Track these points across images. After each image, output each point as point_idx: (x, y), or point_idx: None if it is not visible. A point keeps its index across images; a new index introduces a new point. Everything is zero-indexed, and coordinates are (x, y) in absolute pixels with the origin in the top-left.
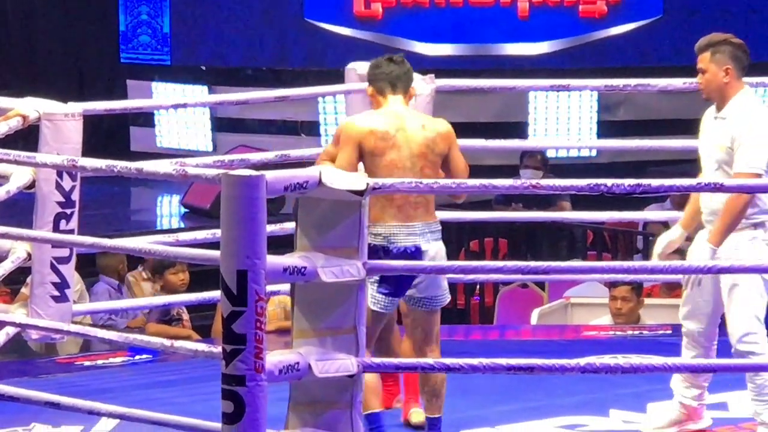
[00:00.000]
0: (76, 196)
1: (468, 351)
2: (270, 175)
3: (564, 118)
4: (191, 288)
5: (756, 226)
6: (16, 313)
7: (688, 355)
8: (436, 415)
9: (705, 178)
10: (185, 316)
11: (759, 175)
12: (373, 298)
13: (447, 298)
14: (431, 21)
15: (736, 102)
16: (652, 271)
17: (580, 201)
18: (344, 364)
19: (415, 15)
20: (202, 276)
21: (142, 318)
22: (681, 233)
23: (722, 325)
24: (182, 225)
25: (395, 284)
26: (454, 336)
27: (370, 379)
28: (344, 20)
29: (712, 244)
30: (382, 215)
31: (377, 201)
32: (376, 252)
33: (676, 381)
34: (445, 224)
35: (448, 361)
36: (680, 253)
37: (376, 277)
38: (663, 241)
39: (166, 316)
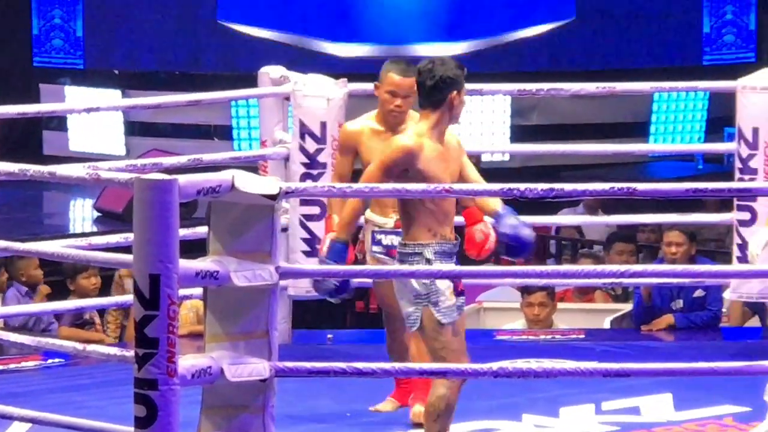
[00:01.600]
0: None
1: (383, 355)
2: (182, 179)
3: (477, 122)
4: (103, 292)
5: None
6: None
7: None
8: None
9: None
10: (97, 319)
11: None
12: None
13: (416, 324)
14: (345, 22)
15: None
16: (566, 275)
17: None
18: (257, 368)
19: (330, 16)
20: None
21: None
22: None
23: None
24: (95, 229)
25: None
26: (369, 341)
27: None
28: (258, 21)
29: None
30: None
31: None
32: None
33: None
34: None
35: (361, 365)
36: (596, 258)
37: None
38: (760, 243)
39: (78, 320)
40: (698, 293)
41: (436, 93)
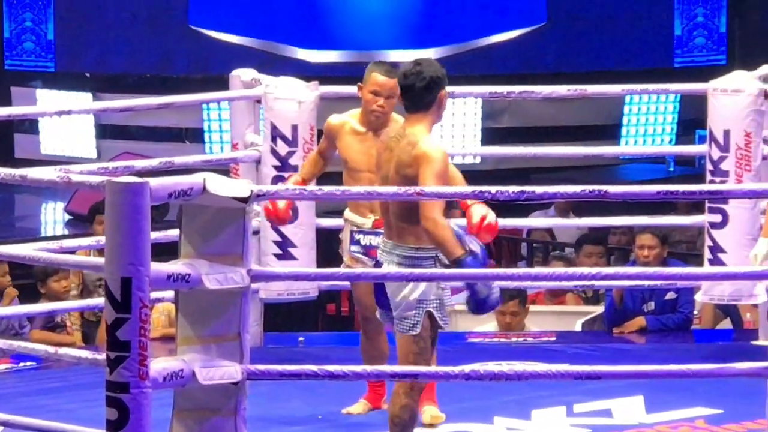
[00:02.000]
0: None
1: (354, 358)
2: (154, 182)
3: (448, 125)
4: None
5: None
6: None
7: None
8: None
9: None
10: (69, 323)
11: None
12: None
13: (414, 328)
14: (316, 28)
15: None
16: (537, 278)
17: None
18: (228, 371)
19: (300, 22)
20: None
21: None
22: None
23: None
24: (66, 232)
25: (378, 297)
26: (340, 343)
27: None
28: (228, 27)
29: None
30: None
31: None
32: None
33: None
34: (324, 231)
35: (333, 368)
36: (568, 260)
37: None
38: (756, 258)
39: (49, 323)
40: (670, 296)
41: (428, 94)
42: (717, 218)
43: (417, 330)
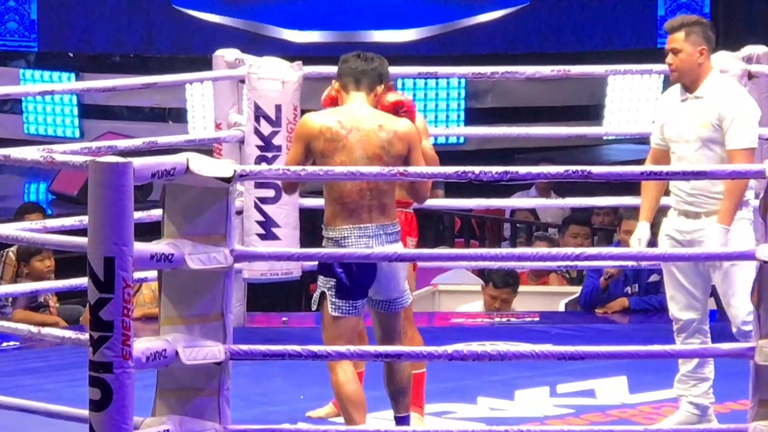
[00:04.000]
0: None
1: None
2: (137, 162)
3: (432, 105)
4: (58, 275)
5: (741, 205)
6: None
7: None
8: (404, 414)
9: (683, 159)
10: (52, 302)
11: (754, 150)
12: (333, 304)
13: (407, 300)
14: (299, 8)
15: (711, 81)
16: (520, 258)
17: (448, 188)
18: (211, 351)
19: (283, 2)
20: (68, 263)
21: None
22: (648, 227)
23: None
24: (50, 212)
25: (352, 289)
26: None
27: (353, 392)
28: (211, 7)
29: (724, 224)
30: (334, 219)
31: (329, 204)
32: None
33: (680, 385)
34: (308, 210)
35: (316, 348)
36: (551, 241)
37: (333, 283)
38: (640, 242)
39: (32, 302)
40: (653, 278)
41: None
42: None
43: (410, 299)
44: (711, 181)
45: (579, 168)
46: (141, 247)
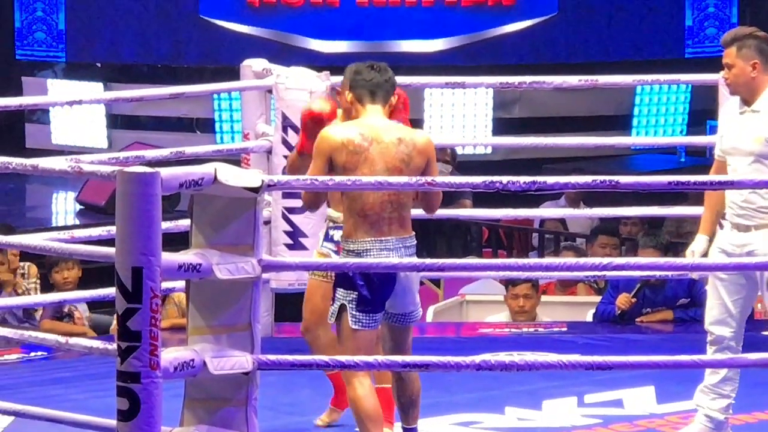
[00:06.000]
0: None
1: None
2: (165, 172)
3: (459, 115)
4: (85, 285)
5: None
6: None
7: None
8: (413, 426)
9: (737, 173)
10: (77, 313)
11: None
12: (353, 317)
13: (419, 313)
14: (327, 18)
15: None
16: (548, 268)
17: (476, 198)
18: (239, 361)
19: (311, 12)
20: (92, 273)
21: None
22: (708, 241)
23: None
24: (77, 222)
25: (372, 302)
26: None
27: (372, 407)
28: (239, 17)
29: None
30: (355, 231)
31: (350, 217)
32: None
33: (700, 395)
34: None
35: (344, 358)
36: (579, 251)
37: (354, 296)
38: (694, 254)
39: (57, 313)
40: (681, 302)
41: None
42: None
43: (421, 312)
44: (760, 195)
45: (606, 178)
46: (169, 257)
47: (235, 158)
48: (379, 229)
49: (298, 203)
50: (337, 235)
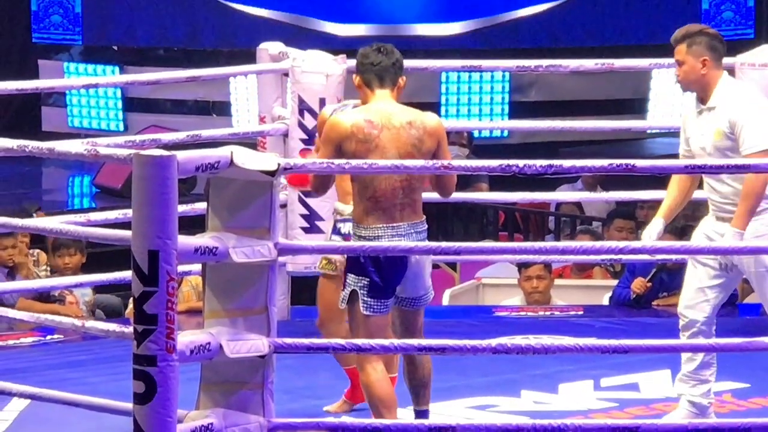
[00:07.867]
0: None
1: None
2: (181, 155)
3: (476, 99)
4: (91, 269)
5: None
6: None
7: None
8: (425, 408)
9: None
10: (71, 297)
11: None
12: (365, 303)
13: (431, 296)
14: (343, 1)
15: (720, 90)
16: (564, 251)
17: (492, 182)
18: (255, 344)
19: None
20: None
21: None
22: (663, 224)
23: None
24: (94, 205)
25: (383, 287)
26: None
27: (385, 392)
28: (256, 0)
29: (738, 228)
30: (367, 217)
31: (361, 203)
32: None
33: (680, 384)
34: None
35: (360, 341)
36: (595, 234)
37: (365, 282)
38: (650, 236)
39: (43, 295)
40: None
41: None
42: None
43: (433, 295)
44: (734, 189)
45: (622, 162)
46: (185, 241)
47: (251, 141)
48: (390, 215)
49: None
50: (344, 227)
